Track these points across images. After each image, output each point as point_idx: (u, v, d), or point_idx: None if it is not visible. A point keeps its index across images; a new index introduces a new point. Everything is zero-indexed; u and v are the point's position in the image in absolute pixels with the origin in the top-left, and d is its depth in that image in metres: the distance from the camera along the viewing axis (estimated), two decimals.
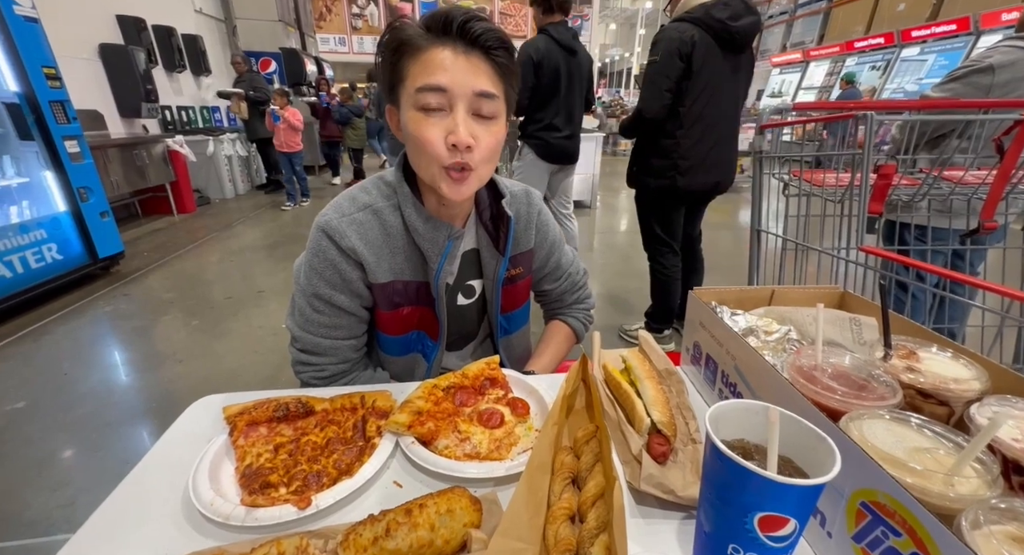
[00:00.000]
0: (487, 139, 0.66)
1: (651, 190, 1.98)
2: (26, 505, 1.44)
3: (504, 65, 0.66)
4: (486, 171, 0.70)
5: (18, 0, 2.62)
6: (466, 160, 0.64)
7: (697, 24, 1.68)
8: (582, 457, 0.56)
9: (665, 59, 1.72)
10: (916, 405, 0.50)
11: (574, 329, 0.98)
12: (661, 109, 1.78)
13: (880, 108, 0.87)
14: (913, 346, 0.55)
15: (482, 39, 0.62)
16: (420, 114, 0.63)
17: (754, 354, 0.55)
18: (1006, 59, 1.26)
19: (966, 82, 1.29)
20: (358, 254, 0.72)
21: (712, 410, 0.40)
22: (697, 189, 1.92)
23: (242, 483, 0.52)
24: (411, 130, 0.65)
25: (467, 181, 0.67)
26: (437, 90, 0.61)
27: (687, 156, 1.83)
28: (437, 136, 0.63)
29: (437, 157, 0.64)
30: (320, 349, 0.77)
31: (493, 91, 0.64)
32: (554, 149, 2.48)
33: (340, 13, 8.54)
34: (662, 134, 1.86)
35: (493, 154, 0.68)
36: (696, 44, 1.67)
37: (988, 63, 1.27)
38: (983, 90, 1.26)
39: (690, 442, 0.58)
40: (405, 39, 0.63)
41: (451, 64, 0.61)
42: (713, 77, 1.74)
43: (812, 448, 0.37)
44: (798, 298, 0.76)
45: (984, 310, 0.85)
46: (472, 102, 0.63)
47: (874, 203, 0.87)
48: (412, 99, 0.63)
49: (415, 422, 0.59)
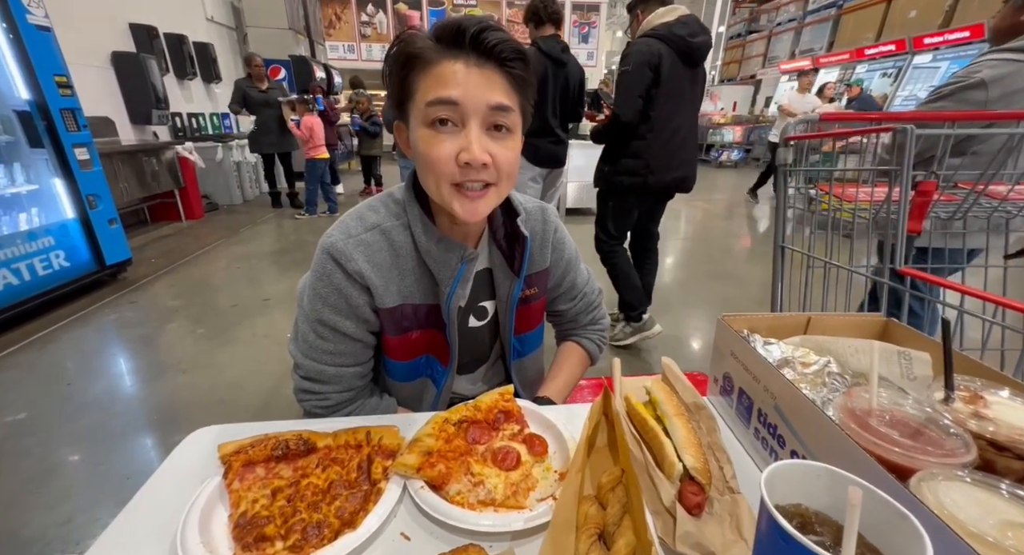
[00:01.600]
0: (503, 154, 0.61)
1: (623, 188, 2.21)
2: (24, 522, 1.41)
3: (520, 77, 0.61)
4: (506, 188, 0.65)
5: (31, 9, 2.64)
6: (483, 178, 0.60)
7: (662, 40, 1.95)
8: (608, 507, 0.51)
9: (636, 69, 1.96)
10: (987, 458, 0.44)
11: (588, 351, 0.94)
12: (635, 114, 2.01)
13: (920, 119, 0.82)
14: (977, 388, 0.50)
15: (497, 50, 0.58)
16: (430, 131, 0.59)
17: (799, 395, 0.50)
18: (996, 73, 1.17)
19: (958, 99, 1.21)
20: (365, 278, 0.67)
21: (767, 473, 0.35)
22: (666, 185, 2.17)
23: (235, 535, 0.47)
24: (421, 148, 0.60)
25: (484, 198, 0.62)
26: (449, 104, 0.57)
27: (658, 155, 2.08)
28: (448, 153, 0.59)
29: (447, 175, 0.60)
30: (324, 377, 0.72)
31: (508, 104, 0.60)
32: (541, 153, 2.60)
33: (349, 21, 8.61)
34: (634, 137, 2.09)
35: (512, 170, 0.64)
36: (662, 57, 1.94)
37: (979, 78, 1.18)
38: (979, 106, 1.18)
39: (727, 491, 0.53)
40: (414, 52, 0.59)
41: (464, 77, 0.57)
42: (676, 86, 2.01)
43: (890, 525, 0.32)
44: (837, 326, 0.70)
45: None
46: (486, 116, 0.59)
47: (912, 221, 0.82)
48: (422, 114, 0.59)
49: (424, 464, 0.55)
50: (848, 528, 0.29)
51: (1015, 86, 1.16)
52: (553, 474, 0.58)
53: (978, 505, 0.36)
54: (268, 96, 5.08)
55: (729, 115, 10.77)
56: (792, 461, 0.37)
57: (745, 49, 13.73)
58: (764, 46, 12.58)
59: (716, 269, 3.74)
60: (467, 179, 0.60)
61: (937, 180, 0.82)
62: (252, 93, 5.01)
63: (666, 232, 2.73)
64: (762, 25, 13.02)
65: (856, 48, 8.94)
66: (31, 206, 2.85)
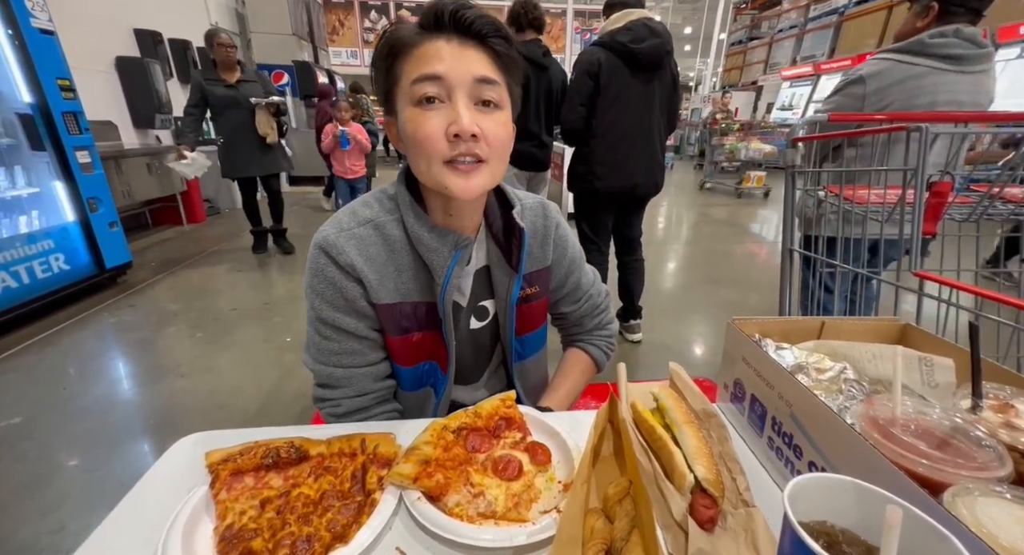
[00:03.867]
0: (494, 129, 0.60)
1: (577, 192, 2.23)
2: (15, 529, 1.38)
3: (503, 53, 0.60)
4: (498, 167, 0.63)
5: (35, 13, 2.64)
6: (475, 151, 0.58)
7: (604, 47, 1.95)
8: (616, 521, 0.48)
9: (577, 78, 2.00)
10: (1022, 472, 0.42)
11: (595, 359, 0.90)
12: (577, 120, 2.05)
13: (937, 119, 0.80)
14: (1007, 396, 0.47)
15: (476, 26, 0.58)
16: (417, 110, 0.58)
17: (818, 403, 0.47)
18: (873, 69, 1.38)
19: (844, 94, 1.41)
20: (357, 270, 0.65)
21: (791, 488, 0.32)
22: (615, 191, 2.13)
23: (220, 549, 0.45)
24: (409, 129, 0.59)
25: (477, 172, 0.60)
26: (433, 79, 0.56)
27: (602, 162, 2.07)
28: (437, 128, 0.57)
29: (438, 152, 0.58)
30: (333, 380, 0.70)
31: (493, 77, 0.59)
32: (524, 157, 2.60)
33: (352, 27, 8.68)
34: (582, 144, 2.12)
35: (504, 147, 0.62)
36: (602, 65, 1.93)
37: (859, 74, 1.39)
38: (859, 99, 1.37)
39: (741, 504, 0.50)
40: (397, 39, 0.59)
41: (447, 53, 0.57)
42: (622, 92, 1.98)
43: (926, 547, 0.29)
44: (852, 331, 0.67)
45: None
46: (472, 89, 0.58)
47: (927, 223, 0.79)
48: (408, 95, 0.58)
49: (422, 473, 0.52)
50: (885, 552, 0.26)
51: (888, 80, 1.35)
52: (557, 485, 0.55)
53: (1019, 524, 0.33)
54: (238, 92, 3.35)
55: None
56: (817, 474, 0.34)
57: (746, 56, 13.78)
58: (766, 53, 12.63)
59: (716, 273, 3.71)
60: (458, 153, 0.58)
61: (952, 181, 0.79)
62: (215, 89, 3.30)
63: (667, 236, 2.71)
64: (763, 32, 13.07)
65: (858, 54, 8.95)
66: (31, 209, 2.84)
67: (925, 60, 1.32)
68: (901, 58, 1.35)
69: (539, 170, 2.76)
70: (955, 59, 1.30)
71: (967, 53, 1.30)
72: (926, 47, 1.31)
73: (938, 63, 1.31)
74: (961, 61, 1.30)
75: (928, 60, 1.32)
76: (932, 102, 1.30)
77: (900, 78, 1.33)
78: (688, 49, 18.18)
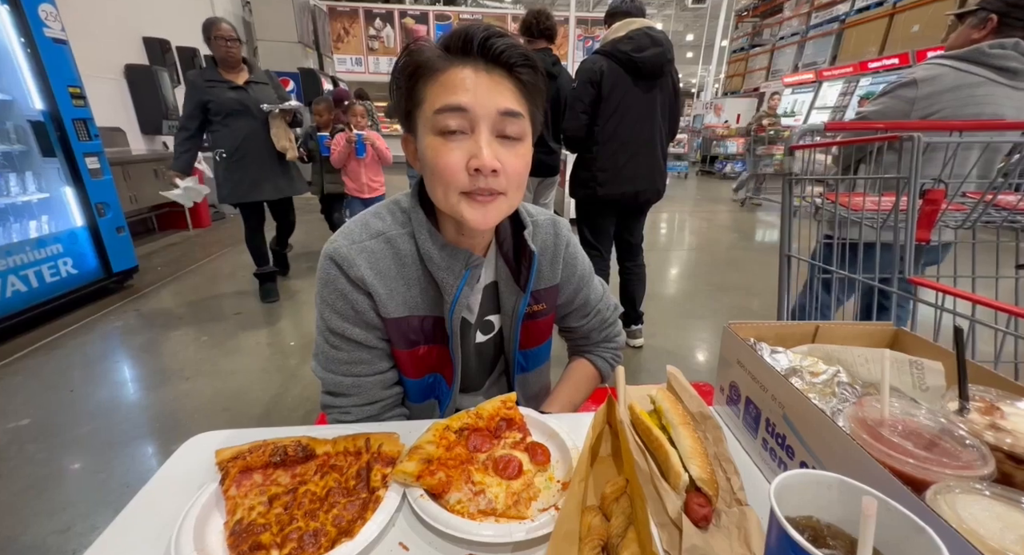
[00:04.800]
0: (514, 162, 0.60)
1: (579, 198, 2.26)
2: (23, 529, 1.40)
3: (529, 83, 0.61)
4: (516, 197, 0.64)
5: (48, 23, 2.70)
6: (492, 186, 0.59)
7: (606, 56, 2.00)
8: (612, 519, 0.49)
9: (580, 86, 2.03)
10: (1005, 472, 0.43)
11: (599, 369, 0.91)
12: (579, 127, 2.08)
13: (928, 128, 0.81)
14: (993, 398, 0.48)
15: (505, 56, 0.57)
16: (439, 139, 0.58)
17: (809, 405, 0.49)
18: (928, 74, 1.36)
19: (894, 96, 1.40)
20: (367, 284, 0.66)
21: (777, 483, 0.34)
22: (616, 198, 2.16)
23: (230, 542, 0.46)
24: (429, 157, 0.59)
25: (494, 204, 0.61)
26: (457, 110, 0.56)
27: (604, 168, 2.11)
28: (458, 161, 0.57)
29: (456, 184, 0.58)
30: (342, 388, 0.71)
31: (518, 110, 0.59)
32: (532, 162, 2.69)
33: (357, 34, 8.78)
34: (585, 150, 2.16)
35: (522, 178, 0.63)
36: (604, 73, 1.98)
37: (912, 77, 1.37)
38: (908, 102, 1.36)
39: (735, 503, 0.52)
40: (422, 62, 0.59)
41: (472, 84, 0.57)
42: (624, 100, 2.02)
43: (906, 539, 0.30)
44: (846, 335, 0.69)
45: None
46: (496, 123, 0.58)
47: (921, 230, 0.81)
48: (430, 123, 0.58)
49: (424, 471, 0.53)
50: (863, 541, 0.28)
51: (941, 86, 1.33)
52: (555, 484, 0.57)
53: (998, 519, 0.34)
54: (247, 96, 2.64)
55: (732, 127, 10.80)
56: (803, 470, 0.35)
57: (748, 62, 13.84)
58: (767, 60, 12.68)
59: (719, 280, 3.72)
60: (476, 188, 0.59)
61: (946, 188, 0.81)
62: (219, 93, 2.57)
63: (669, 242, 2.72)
64: (765, 39, 13.13)
65: (859, 61, 8.99)
66: (41, 214, 2.89)
67: (982, 69, 1.30)
68: (957, 65, 1.33)
69: (548, 176, 2.82)
70: (1011, 72, 1.29)
71: (1022, 67, 1.28)
72: (985, 57, 1.29)
73: (994, 75, 1.29)
74: (1017, 75, 1.29)
75: (985, 70, 1.30)
76: (978, 113, 1.29)
77: (954, 85, 1.31)
78: (690, 56, 18.29)
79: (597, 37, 9.06)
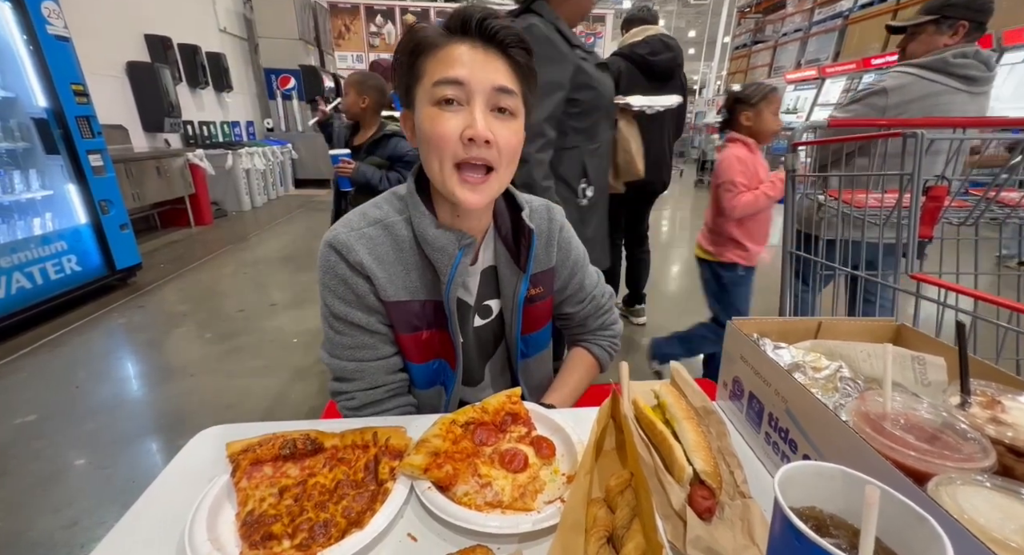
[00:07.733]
0: (506, 135, 0.62)
1: None
2: (29, 525, 1.41)
3: (523, 64, 0.64)
4: (506, 174, 0.66)
5: (51, 20, 2.71)
6: (485, 156, 0.61)
7: (624, 57, 2.19)
8: (617, 511, 0.50)
9: None
10: (1006, 465, 0.43)
11: (598, 358, 0.92)
12: None
13: (932, 125, 0.82)
14: (995, 393, 0.49)
15: (500, 36, 0.61)
16: (435, 109, 0.61)
17: (812, 399, 0.49)
18: (897, 83, 1.41)
19: (865, 103, 1.45)
20: (366, 269, 0.68)
21: (781, 475, 0.35)
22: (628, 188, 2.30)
23: (242, 533, 0.47)
24: (425, 126, 0.62)
25: (486, 184, 0.64)
26: (454, 83, 0.59)
27: None
28: (453, 129, 0.60)
29: (450, 153, 0.61)
30: (346, 373, 0.73)
31: (511, 87, 0.62)
32: None
33: (358, 32, 8.76)
34: None
35: (513, 155, 0.65)
36: (622, 72, 2.15)
37: (882, 86, 1.43)
38: (879, 111, 1.41)
39: (738, 495, 0.52)
40: (423, 39, 0.62)
41: (469, 59, 0.60)
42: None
43: (908, 528, 0.31)
44: (848, 331, 0.69)
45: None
46: (490, 97, 0.61)
47: (924, 227, 0.81)
48: (428, 94, 0.61)
49: (432, 464, 0.54)
50: (865, 529, 0.28)
51: (910, 95, 1.38)
52: (561, 477, 0.57)
53: (999, 510, 0.35)
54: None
55: None
56: (806, 462, 0.36)
57: (750, 59, 13.79)
58: (770, 56, 12.63)
59: None
60: (470, 156, 0.61)
61: (948, 185, 0.81)
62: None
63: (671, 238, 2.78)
64: (767, 35, 13.08)
65: (863, 58, 8.95)
66: (45, 211, 2.90)
67: (945, 78, 1.34)
68: (923, 74, 1.37)
69: None
70: (971, 80, 1.33)
71: (980, 75, 1.33)
72: (949, 66, 1.34)
73: (955, 83, 1.34)
74: (975, 83, 1.33)
75: (947, 78, 1.34)
76: None
77: (921, 95, 1.36)
78: (692, 52, 18.22)
79: (599, 34, 9.03)
